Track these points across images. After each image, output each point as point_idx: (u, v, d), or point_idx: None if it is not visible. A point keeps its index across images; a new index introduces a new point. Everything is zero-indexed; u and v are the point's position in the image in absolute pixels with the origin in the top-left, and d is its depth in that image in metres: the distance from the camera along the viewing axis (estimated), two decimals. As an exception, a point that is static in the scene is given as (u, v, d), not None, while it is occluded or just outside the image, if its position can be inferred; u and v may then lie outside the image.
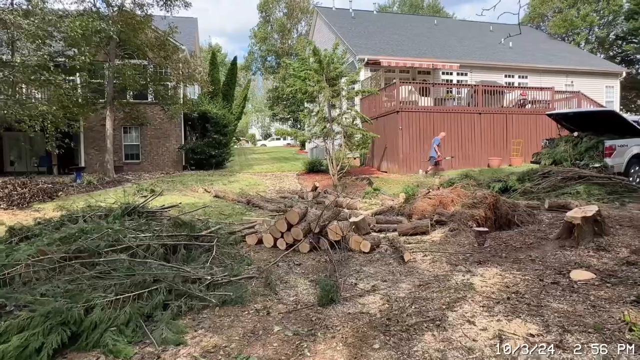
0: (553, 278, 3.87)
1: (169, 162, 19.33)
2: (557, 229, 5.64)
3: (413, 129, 15.68)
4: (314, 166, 17.31)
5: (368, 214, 8.78)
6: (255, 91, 66.87)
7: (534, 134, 17.33)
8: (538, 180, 9.51)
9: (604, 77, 23.61)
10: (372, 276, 4.43)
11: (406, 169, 15.61)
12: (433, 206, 8.02)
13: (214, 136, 18.80)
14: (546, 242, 5.03)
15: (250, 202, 10.36)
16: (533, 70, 22.08)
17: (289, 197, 11.72)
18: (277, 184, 14.76)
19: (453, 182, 10.92)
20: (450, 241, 5.82)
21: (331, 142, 14.86)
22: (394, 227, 7.26)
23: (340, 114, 14.85)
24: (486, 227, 6.51)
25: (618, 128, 10.44)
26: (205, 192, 11.87)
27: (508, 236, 5.50)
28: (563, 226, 5.03)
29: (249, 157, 29.10)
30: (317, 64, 14.34)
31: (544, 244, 4.98)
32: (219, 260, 4.96)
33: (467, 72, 21.00)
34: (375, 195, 11.78)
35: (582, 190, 8.58)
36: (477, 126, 16.47)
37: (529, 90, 17.97)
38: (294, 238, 6.02)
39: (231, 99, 24.21)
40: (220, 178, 15.58)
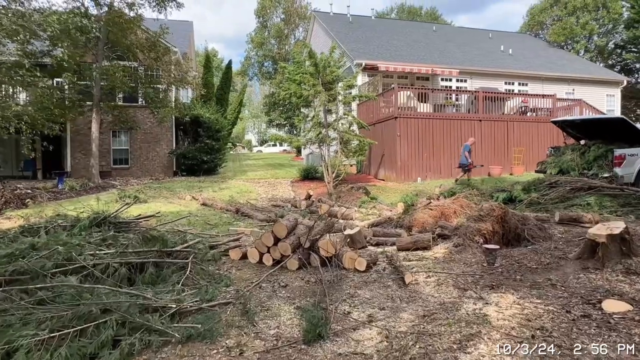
0: (582, 309, 3.27)
1: (159, 167, 18.68)
2: (574, 246, 5.07)
3: (411, 135, 15.14)
4: (309, 173, 16.72)
5: (364, 225, 8.18)
6: (252, 97, 66.42)
7: (535, 142, 16.85)
8: (545, 191, 8.96)
9: (605, 86, 23.25)
10: (368, 302, 3.82)
11: (404, 176, 15.05)
12: (434, 218, 7.43)
13: (206, 141, 18.20)
14: (566, 263, 4.44)
15: (239, 210, 9.74)
16: (533, 78, 21.69)
17: (281, 206, 11.11)
18: (270, 192, 14.14)
19: (454, 191, 10.34)
20: (455, 259, 5.22)
21: (327, 148, 14.28)
22: (393, 241, 6.66)
23: (337, 119, 14.30)
24: (493, 243, 5.93)
25: (627, 136, 9.92)
26: (192, 199, 11.24)
27: (521, 254, 4.90)
28: (585, 244, 4.44)
29: (243, 163, 28.49)
30: (312, 68, 13.82)
31: (564, 265, 4.39)
32: (193, 280, 4.34)
33: (467, 78, 20.56)
34: (372, 204, 11.19)
35: (593, 201, 8.02)
36: (478, 133, 15.95)
37: (531, 98, 17.53)
38: (282, 253, 5.40)
39: (225, 104, 23.65)
40: (210, 185, 14.96)
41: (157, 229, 6.29)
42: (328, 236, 5.59)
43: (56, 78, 15.15)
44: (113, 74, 13.88)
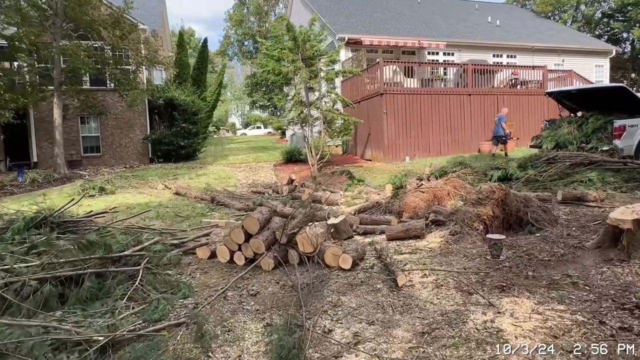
0: (619, 319, 2.63)
1: (134, 154, 17.62)
2: (590, 232, 4.44)
3: (398, 112, 14.38)
4: (292, 155, 15.91)
5: (350, 212, 7.49)
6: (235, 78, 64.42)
7: (526, 116, 16.26)
8: (543, 167, 8.35)
9: (594, 56, 22.69)
10: (354, 313, 3.13)
11: (392, 156, 14.35)
12: (426, 201, 6.77)
13: (182, 125, 17.14)
14: (583, 253, 3.81)
15: (215, 199, 8.94)
16: (522, 49, 20.97)
17: (261, 192, 10.32)
18: (251, 177, 13.33)
19: (446, 170, 9.69)
20: (453, 250, 4.57)
21: (309, 129, 13.45)
22: (382, 229, 5.99)
23: (319, 97, 13.43)
24: (494, 228, 5.30)
25: (626, 106, 9.33)
26: (165, 188, 10.39)
27: (529, 243, 4.26)
28: (605, 231, 3.81)
29: (225, 147, 27.45)
30: (291, 42, 12.83)
31: (581, 256, 3.75)
32: (144, 292, 3.59)
33: (454, 51, 19.73)
34: (359, 187, 10.49)
35: (595, 177, 7.45)
36: (467, 108, 15.28)
37: (521, 70, 16.85)
38: (255, 252, 4.68)
39: (203, 85, 22.44)
40: (187, 171, 14.06)
41: (113, 226, 5.49)
42: (307, 228, 4.88)
43: (12, 61, 13.87)
44: (74, 54, 12.68)
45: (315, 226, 6.58)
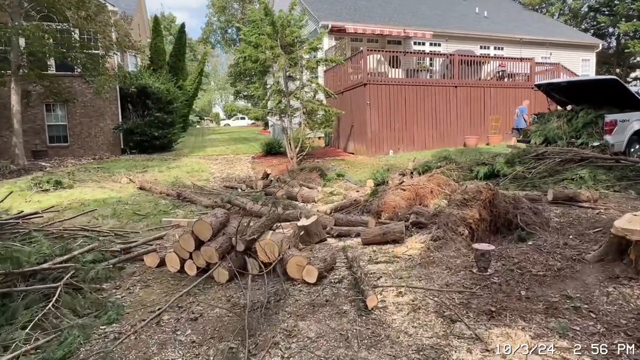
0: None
1: (105, 145, 16.65)
2: (587, 240, 3.92)
3: (382, 104, 13.78)
4: (272, 148, 15.20)
5: (326, 211, 6.90)
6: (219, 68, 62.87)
7: (513, 109, 15.82)
8: (531, 164, 7.88)
9: (581, 50, 22.44)
10: (311, 348, 2.53)
11: (375, 149, 13.79)
12: (408, 200, 6.21)
13: (156, 114, 16.24)
14: (583, 268, 3.28)
15: (181, 195, 8.24)
16: (510, 41, 20.55)
17: (234, 187, 9.66)
18: (226, 170, 12.61)
19: (429, 166, 9.16)
20: (435, 259, 4.01)
21: (289, 120, 12.77)
22: (358, 231, 5.42)
23: (299, 87, 12.73)
24: (480, 232, 4.77)
25: (618, 100, 8.92)
26: (129, 182, 9.61)
27: (520, 254, 3.72)
28: (609, 242, 3.28)
29: (206, 137, 26.53)
30: (270, 27, 12.07)
31: (581, 271, 3.23)
32: (56, 316, 2.92)
33: (441, 42, 19.18)
34: (338, 182, 9.91)
35: (586, 175, 6.99)
36: (453, 101, 14.77)
37: (508, 62, 16.40)
38: (207, 261, 4.04)
39: (181, 73, 21.45)
40: (159, 163, 13.25)
41: (49, 229, 4.77)
42: (270, 233, 4.26)
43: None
44: (32, 36, 11.68)
45: (284, 228, 5.96)
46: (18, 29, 11.41)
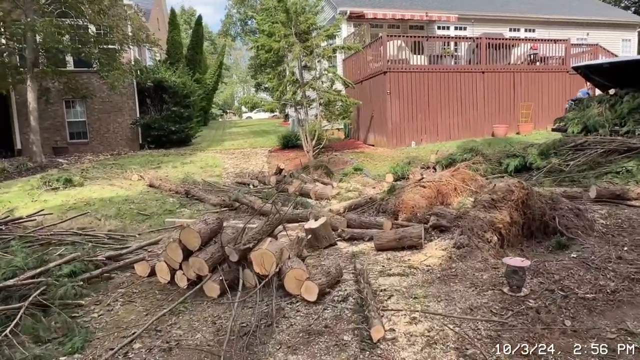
0: None
1: (123, 140, 16.65)
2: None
3: (404, 92, 13.05)
4: (289, 141, 14.73)
5: (339, 209, 6.38)
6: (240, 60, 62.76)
7: (545, 95, 14.76)
8: (569, 155, 7.08)
9: (621, 29, 20.77)
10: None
11: (396, 141, 13.11)
12: (428, 199, 5.60)
13: (172, 109, 16.06)
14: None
15: (189, 193, 7.90)
16: (542, 22, 19.21)
17: (246, 183, 9.26)
18: (241, 164, 12.24)
19: (454, 158, 8.47)
20: (458, 272, 3.44)
21: (305, 111, 12.26)
22: (372, 234, 4.87)
23: (315, 77, 12.17)
24: (512, 237, 4.14)
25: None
26: (140, 179, 9.37)
27: (562, 268, 3.09)
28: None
29: (226, 131, 26.38)
30: (283, 15, 11.53)
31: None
32: (11, 344, 2.54)
33: (467, 25, 18.10)
34: (356, 176, 9.35)
35: (634, 168, 6.17)
36: (480, 87, 13.85)
37: (541, 44, 15.24)
38: (197, 273, 3.61)
39: (198, 66, 21.23)
40: (174, 159, 13.04)
41: (36, 234, 4.47)
42: (269, 240, 3.78)
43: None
44: (45, 32, 11.58)
45: (291, 230, 5.49)
46: (31, 25, 11.31)
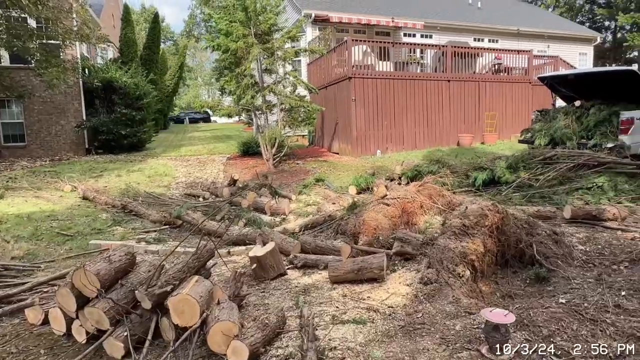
0: None
1: (67, 144, 15.21)
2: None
3: (369, 99, 12.57)
4: (250, 148, 13.89)
5: (295, 229, 5.69)
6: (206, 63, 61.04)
7: (509, 105, 14.76)
8: (538, 169, 6.74)
9: (578, 43, 21.42)
10: None
11: (361, 149, 12.59)
12: (392, 219, 5.01)
13: (123, 111, 14.83)
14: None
15: (127, 207, 6.96)
16: (505, 33, 19.44)
17: (196, 195, 8.40)
18: (195, 173, 11.31)
19: (420, 170, 7.98)
20: (424, 318, 2.82)
21: (265, 117, 11.51)
22: (327, 262, 4.20)
23: (277, 81, 11.46)
24: (487, 267, 3.58)
25: (632, 95, 7.82)
26: (73, 189, 8.29)
27: (550, 319, 2.52)
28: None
29: (186, 135, 25.12)
30: (242, 14, 10.77)
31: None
32: None
33: (433, 33, 18.01)
34: (317, 188, 8.68)
35: (605, 184, 5.87)
36: (446, 96, 13.62)
37: (505, 54, 15.27)
38: (97, 327, 2.79)
39: (156, 66, 19.98)
40: (121, 166, 11.90)
41: None
42: (195, 280, 3.01)
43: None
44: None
45: (234, 255, 4.78)
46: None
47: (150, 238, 5.64)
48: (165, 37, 44.20)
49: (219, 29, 11.41)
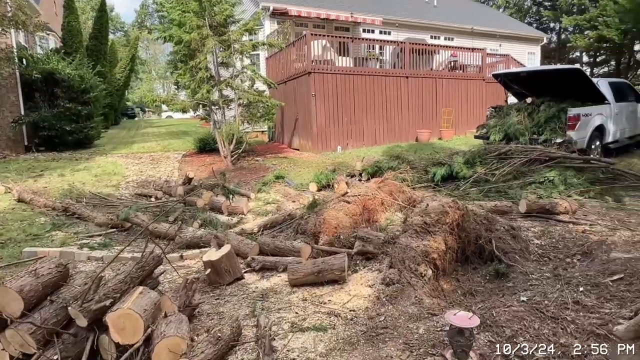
0: None
1: (3, 141, 13.89)
2: (609, 297, 2.74)
3: (329, 95, 12.45)
4: (207, 144, 13.35)
5: (254, 229, 5.46)
6: (160, 55, 58.59)
7: (464, 102, 15.18)
8: (493, 163, 6.89)
9: (527, 43, 22.45)
10: None
11: (322, 145, 12.46)
12: (353, 217, 4.90)
13: (67, 105, 13.78)
14: (613, 349, 2.09)
15: (69, 209, 6.41)
16: (460, 32, 19.99)
17: (147, 195, 7.92)
18: (148, 171, 10.70)
19: (380, 166, 7.96)
20: (387, 322, 2.71)
21: (222, 112, 11.10)
22: (287, 264, 4.02)
23: (233, 75, 11.06)
24: (448, 264, 3.54)
25: (578, 92, 8.21)
26: (7, 191, 7.55)
27: (513, 318, 2.48)
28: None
29: (140, 131, 23.93)
30: (196, 4, 10.26)
31: (612, 356, 2.03)
32: None
33: (391, 30, 18.17)
34: (277, 185, 8.46)
35: (556, 178, 6.08)
36: (404, 92, 13.76)
37: (460, 51, 15.66)
38: (22, 351, 2.45)
39: (104, 58, 18.79)
40: (65, 164, 11.06)
41: None
42: (138, 292, 2.72)
43: None
44: None
45: (187, 260, 4.50)
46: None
47: (95, 243, 5.21)
48: (115, 27, 41.86)
49: (171, 19, 10.84)
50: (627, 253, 3.36)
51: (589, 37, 23.67)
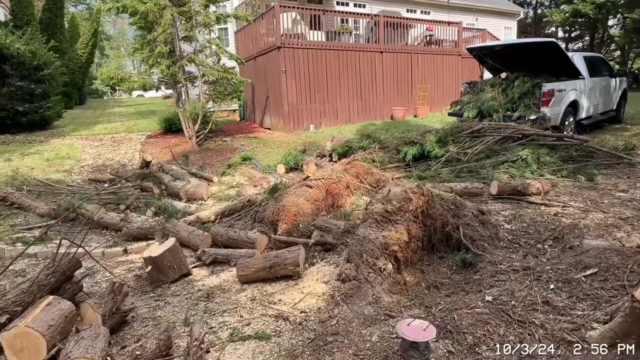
0: None
1: (-53, 123, 12.90)
2: (582, 296, 2.47)
3: (301, 71, 11.88)
4: (172, 124, 12.68)
5: (211, 217, 5.04)
6: (129, 32, 55.80)
7: (440, 78, 14.85)
8: (466, 142, 6.61)
9: (504, 17, 22.14)
10: None
11: (294, 125, 11.97)
12: (315, 202, 4.54)
13: (18, 84, 12.76)
14: (586, 357, 1.82)
15: (7, 199, 5.82)
16: (436, 5, 19.46)
17: (101, 181, 7.35)
18: (107, 154, 10.04)
19: (351, 145, 7.58)
20: (339, 327, 2.40)
21: (185, 90, 10.43)
22: (240, 257, 3.66)
23: (197, 50, 10.35)
24: (410, 254, 3.24)
25: (553, 67, 7.96)
26: (-59, 181, 6.86)
27: (477, 322, 2.19)
28: (630, 315, 1.83)
29: (106, 111, 22.79)
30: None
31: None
32: None
33: (365, 3, 17.49)
34: (244, 167, 8.01)
35: (529, 157, 5.85)
36: (379, 68, 13.30)
37: (436, 25, 15.20)
38: None
39: (60, 32, 17.49)
40: (15, 148, 10.25)
41: None
42: (43, 304, 2.30)
43: None
44: None
45: (131, 254, 4.11)
46: None
47: (32, 237, 4.70)
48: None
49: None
50: (601, 239, 3.12)
51: (564, 11, 23.54)
